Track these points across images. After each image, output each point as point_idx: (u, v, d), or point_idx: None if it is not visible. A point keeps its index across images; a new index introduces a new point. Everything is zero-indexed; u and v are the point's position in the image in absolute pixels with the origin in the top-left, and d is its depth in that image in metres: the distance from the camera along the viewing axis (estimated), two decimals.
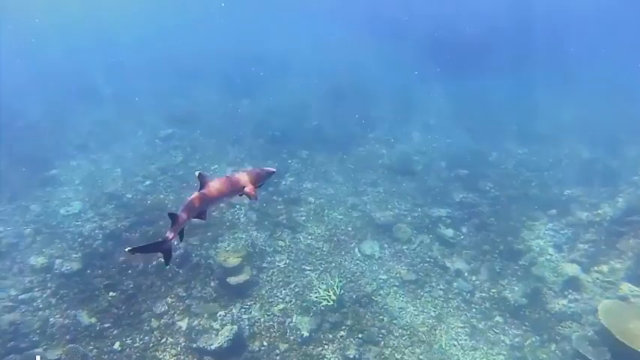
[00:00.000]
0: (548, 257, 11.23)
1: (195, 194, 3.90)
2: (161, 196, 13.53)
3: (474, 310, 9.94)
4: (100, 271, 10.09)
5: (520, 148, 17.62)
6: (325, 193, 14.17)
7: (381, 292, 10.31)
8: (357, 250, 11.69)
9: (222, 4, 40.39)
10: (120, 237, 11.32)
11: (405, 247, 11.88)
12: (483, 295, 10.34)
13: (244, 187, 4.12)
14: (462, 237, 12.21)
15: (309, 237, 12.05)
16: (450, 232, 12.26)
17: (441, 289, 10.49)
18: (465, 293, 10.35)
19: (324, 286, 10.05)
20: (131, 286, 9.72)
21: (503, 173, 15.56)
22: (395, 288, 10.47)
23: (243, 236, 11.68)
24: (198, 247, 11.09)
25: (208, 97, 22.94)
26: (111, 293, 9.54)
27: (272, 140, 17.55)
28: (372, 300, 9.99)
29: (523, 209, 13.20)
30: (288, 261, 11.04)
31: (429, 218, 12.95)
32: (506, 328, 9.49)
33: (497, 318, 9.72)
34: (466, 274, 10.93)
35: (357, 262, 11.25)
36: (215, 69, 27.11)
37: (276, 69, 28.01)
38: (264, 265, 10.80)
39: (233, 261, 10.31)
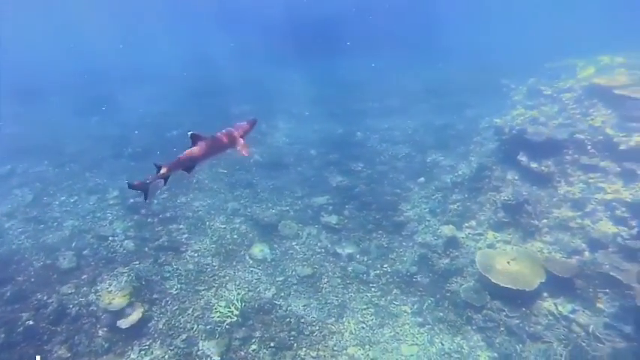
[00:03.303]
0: (427, 223, 12.14)
1: (186, 151, 4.58)
2: (13, 246, 11.69)
3: (372, 289, 10.33)
4: None
5: (381, 124, 18.66)
6: (202, 204, 13.55)
7: (282, 294, 10.19)
8: (247, 257, 11.39)
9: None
10: None
11: (294, 243, 11.87)
12: (378, 272, 10.80)
13: (234, 143, 4.72)
14: (345, 221, 12.57)
15: (196, 254, 11.42)
16: (334, 219, 12.55)
17: (338, 277, 10.69)
18: (361, 275, 10.69)
19: (224, 303, 9.64)
20: None
21: (371, 151, 16.39)
22: (294, 287, 10.42)
23: (125, 270, 10.64)
24: (74, 296, 9.81)
25: (52, 119, 20.40)
26: None
27: (134, 157, 16.28)
28: (275, 304, 9.82)
29: (395, 182, 14.07)
30: (179, 285, 10.33)
31: (311, 209, 13.12)
32: (405, 297, 10.05)
33: (395, 291, 10.24)
34: (358, 257, 11.30)
35: (251, 269, 10.97)
36: (57, 86, 24.23)
37: (127, 79, 25.96)
38: (155, 296, 9.95)
39: (119, 301, 9.37)
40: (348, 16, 32.26)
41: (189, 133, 4.56)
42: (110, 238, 11.79)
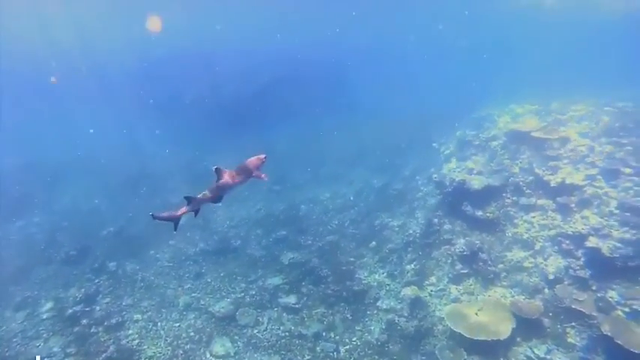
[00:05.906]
0: (388, 288, 11.94)
1: (213, 184, 4.95)
2: None
3: None
4: None
5: (322, 193, 18.72)
6: (151, 304, 12.53)
7: None
8: (208, 354, 10.50)
9: None
10: None
11: (256, 331, 11.15)
12: (348, 347, 10.30)
13: (253, 173, 5.03)
14: (305, 298, 12.08)
15: None
16: (292, 299, 12.04)
17: (308, 359, 10.06)
18: (331, 353, 10.14)
19: None
20: None
21: (317, 222, 16.23)
22: None
23: None
24: None
25: None
26: None
27: (68, 261, 14.94)
28: None
29: (348, 250, 13.89)
30: None
31: (267, 291, 12.52)
32: None
33: None
34: (324, 334, 10.76)
35: None
36: None
37: (52, 175, 24.36)
38: None
39: None
40: (266, 89, 32.85)
41: (214, 167, 4.96)
42: None
